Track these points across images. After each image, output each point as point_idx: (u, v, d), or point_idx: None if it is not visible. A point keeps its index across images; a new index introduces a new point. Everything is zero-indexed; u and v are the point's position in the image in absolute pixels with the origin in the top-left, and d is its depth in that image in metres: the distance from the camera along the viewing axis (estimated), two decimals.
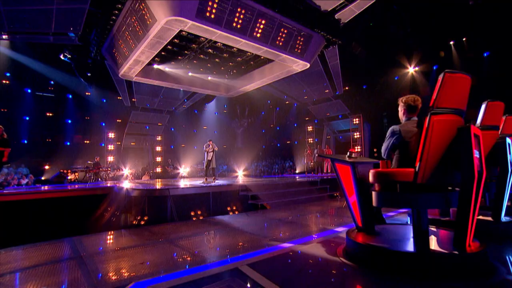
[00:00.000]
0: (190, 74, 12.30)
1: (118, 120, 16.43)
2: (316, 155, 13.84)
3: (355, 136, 13.64)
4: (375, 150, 14.90)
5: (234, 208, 6.42)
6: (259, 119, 22.50)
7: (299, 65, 10.27)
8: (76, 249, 3.31)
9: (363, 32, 10.78)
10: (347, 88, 14.30)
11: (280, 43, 9.07)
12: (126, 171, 15.15)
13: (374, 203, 2.57)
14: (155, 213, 5.54)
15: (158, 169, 16.36)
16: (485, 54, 10.36)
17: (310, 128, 15.56)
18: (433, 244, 2.44)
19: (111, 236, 4.09)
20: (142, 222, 5.31)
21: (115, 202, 6.53)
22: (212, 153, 9.03)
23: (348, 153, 3.23)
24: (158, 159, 16.78)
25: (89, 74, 13.19)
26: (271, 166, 19.00)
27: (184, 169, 17.07)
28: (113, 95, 15.40)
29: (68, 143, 15.50)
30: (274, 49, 8.99)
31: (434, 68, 12.03)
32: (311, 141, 15.46)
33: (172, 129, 19.15)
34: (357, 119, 13.46)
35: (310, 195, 7.68)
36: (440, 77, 2.20)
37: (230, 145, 22.21)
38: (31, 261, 2.88)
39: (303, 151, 17.63)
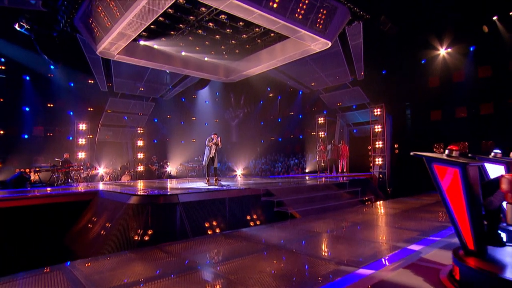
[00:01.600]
0: (183, 53, 11.61)
1: (90, 109, 15.46)
2: (329, 151, 13.55)
3: (376, 130, 13.41)
4: (396, 146, 14.79)
5: (254, 217, 5.96)
6: (257, 109, 21.98)
7: (319, 44, 9.83)
8: (80, 283, 2.76)
9: (393, 5, 10.44)
10: (362, 73, 13.96)
11: (300, 16, 8.60)
12: (102, 170, 14.32)
13: (510, 220, 2.20)
14: (161, 226, 5.00)
15: (140, 168, 15.60)
16: None
17: (321, 120, 15.20)
18: None
19: (118, 260, 3.54)
20: (146, 238, 4.77)
21: (104, 211, 5.91)
22: (215, 147, 8.57)
23: (447, 151, 2.86)
24: (140, 155, 15.99)
25: (54, 50, 12.12)
26: (272, 164, 18.62)
27: (171, 168, 16.40)
28: (84, 77, 14.42)
29: (26, 136, 14.46)
30: (292, 23, 8.51)
31: (471, 49, 11.85)
32: (322, 135, 15.15)
33: (156, 120, 18.33)
34: (378, 110, 13.19)
35: (340, 201, 7.36)
36: None
37: (223, 139, 21.59)
38: None
39: (311, 146, 17.34)
